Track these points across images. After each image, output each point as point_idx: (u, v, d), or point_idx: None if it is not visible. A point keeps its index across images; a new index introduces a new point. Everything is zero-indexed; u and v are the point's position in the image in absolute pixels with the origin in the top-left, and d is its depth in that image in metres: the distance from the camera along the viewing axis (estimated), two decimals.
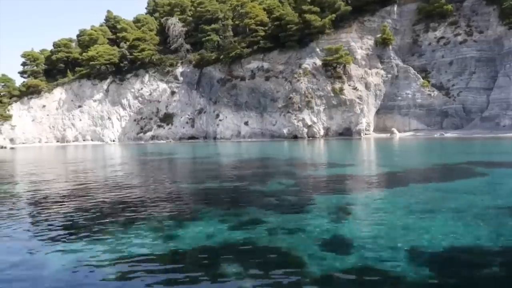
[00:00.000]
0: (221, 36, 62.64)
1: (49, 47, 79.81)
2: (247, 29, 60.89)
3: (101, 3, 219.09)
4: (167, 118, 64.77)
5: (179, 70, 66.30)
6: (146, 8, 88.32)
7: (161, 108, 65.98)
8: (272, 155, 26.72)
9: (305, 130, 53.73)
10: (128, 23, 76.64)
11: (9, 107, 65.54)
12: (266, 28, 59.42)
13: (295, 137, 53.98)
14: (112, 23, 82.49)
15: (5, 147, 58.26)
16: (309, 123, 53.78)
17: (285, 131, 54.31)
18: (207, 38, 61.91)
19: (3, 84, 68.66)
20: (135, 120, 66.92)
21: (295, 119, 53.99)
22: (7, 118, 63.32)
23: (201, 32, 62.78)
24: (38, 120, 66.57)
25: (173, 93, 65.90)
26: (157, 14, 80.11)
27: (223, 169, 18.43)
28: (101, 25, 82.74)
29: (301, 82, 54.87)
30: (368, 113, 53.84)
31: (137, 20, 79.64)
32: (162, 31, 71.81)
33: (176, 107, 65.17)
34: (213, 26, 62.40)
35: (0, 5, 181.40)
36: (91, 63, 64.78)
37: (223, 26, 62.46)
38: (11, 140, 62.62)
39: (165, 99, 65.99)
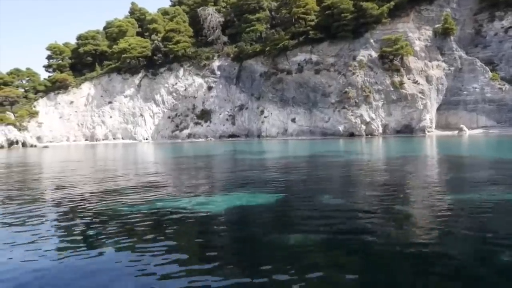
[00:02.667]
0: (266, 27, 58.41)
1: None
2: (293, 19, 56.71)
3: None
4: (205, 115, 60.54)
5: (216, 63, 62.09)
6: (171, 0, 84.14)
7: (197, 104, 61.74)
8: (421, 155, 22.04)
9: (363, 127, 49.54)
10: (157, 15, 72.45)
11: (35, 103, 61.22)
12: (314, 17, 55.25)
13: (352, 134, 49.81)
14: (137, 16, 78.47)
15: (34, 146, 53.89)
16: (368, 119, 49.59)
17: (340, 128, 50.10)
18: (251, 28, 57.58)
19: (27, 78, 64.32)
20: (169, 117, 62.65)
21: (352, 115, 49.80)
22: (34, 114, 58.97)
23: (244, 22, 58.45)
24: (66, 117, 62.25)
25: (210, 88, 61.66)
26: (183, 7, 75.93)
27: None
28: (126, 18, 78.64)
29: (357, 75, 50.71)
30: (431, 109, 49.71)
31: (165, 12, 75.53)
32: (194, 23, 67.59)
33: (214, 103, 60.93)
34: (257, 15, 58.10)
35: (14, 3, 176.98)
36: (123, 56, 60.49)
37: (267, 16, 58.22)
38: (38, 138, 58.27)
39: (202, 94, 61.75)
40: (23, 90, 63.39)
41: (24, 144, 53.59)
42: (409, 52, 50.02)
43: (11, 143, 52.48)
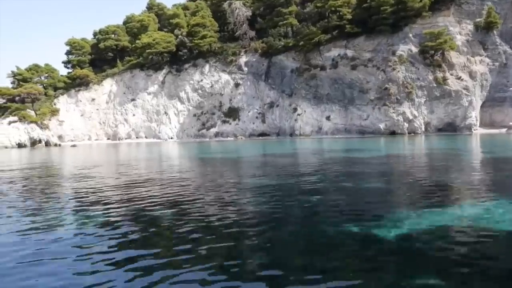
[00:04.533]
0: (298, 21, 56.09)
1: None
2: (327, 13, 54.48)
3: None
4: (233, 113, 58.19)
5: (243, 59, 59.75)
6: None
7: (224, 102, 59.39)
8: None
9: (406, 125, 47.41)
10: (178, 10, 70.07)
11: (55, 100, 58.71)
12: (349, 11, 53.07)
13: (393, 133, 47.69)
14: (155, 11, 76.02)
15: (59, 145, 51.37)
16: (410, 117, 47.45)
17: (381, 126, 47.95)
18: (284, 22, 55.24)
19: (46, 74, 61.74)
20: (195, 115, 60.25)
21: (393, 112, 47.65)
22: (55, 112, 56.45)
23: (276, 16, 56.08)
24: (87, 115, 59.72)
25: (237, 85, 59.31)
26: (202, 2, 73.47)
27: None
28: (143, 13, 76.24)
29: (398, 71, 48.57)
30: (476, 106, 47.65)
31: (185, 7, 73.20)
32: (216, 18, 65.13)
33: (242, 100, 58.60)
34: (290, 9, 55.76)
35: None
36: (147, 51, 58.05)
37: (301, 10, 55.95)
38: (60, 137, 55.74)
39: (229, 91, 59.40)
40: (41, 86, 60.77)
41: (47, 143, 51.08)
42: (453, 46, 47.96)
43: (33, 142, 50.00)
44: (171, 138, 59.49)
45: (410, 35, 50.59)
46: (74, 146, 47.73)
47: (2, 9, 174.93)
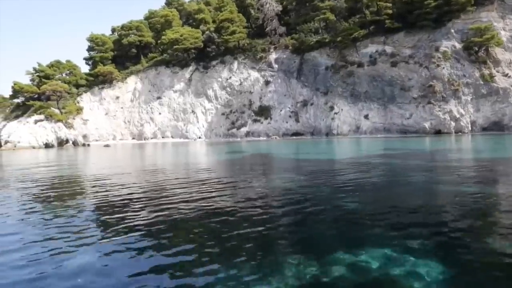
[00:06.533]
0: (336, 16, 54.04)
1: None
2: (363, 8, 52.55)
3: None
4: (264, 112, 56.08)
5: (273, 56, 57.68)
6: None
7: (254, 100, 57.26)
8: None
9: (452, 124, 45.55)
10: (201, 4, 67.87)
11: (78, 98, 56.27)
12: (389, 5, 51.23)
13: (438, 132, 45.83)
14: (175, 6, 73.81)
15: (88, 144, 48.97)
16: (457, 115, 45.60)
17: (426, 125, 46.07)
18: (321, 17, 53.17)
19: (68, 71, 59.22)
20: (223, 114, 58.04)
21: (439, 111, 45.78)
22: (79, 110, 54.04)
23: (313, 10, 53.98)
24: (112, 113, 57.33)
25: (267, 82, 57.22)
26: None
27: None
28: (163, 8, 74.01)
29: (443, 68, 46.70)
30: None
31: (207, 3, 71.03)
32: (242, 13, 63.03)
33: (272, 98, 56.51)
34: (327, 3, 53.68)
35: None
36: (174, 47, 55.78)
37: (338, 5, 53.95)
38: (84, 136, 53.33)
39: (258, 89, 57.29)
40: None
41: (74, 143, 48.70)
42: (500, 42, 46.26)
43: (61, 142, 47.60)
44: (199, 137, 57.27)
45: (452, 30, 48.73)
46: (107, 146, 45.31)
47: (5, 8, 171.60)
